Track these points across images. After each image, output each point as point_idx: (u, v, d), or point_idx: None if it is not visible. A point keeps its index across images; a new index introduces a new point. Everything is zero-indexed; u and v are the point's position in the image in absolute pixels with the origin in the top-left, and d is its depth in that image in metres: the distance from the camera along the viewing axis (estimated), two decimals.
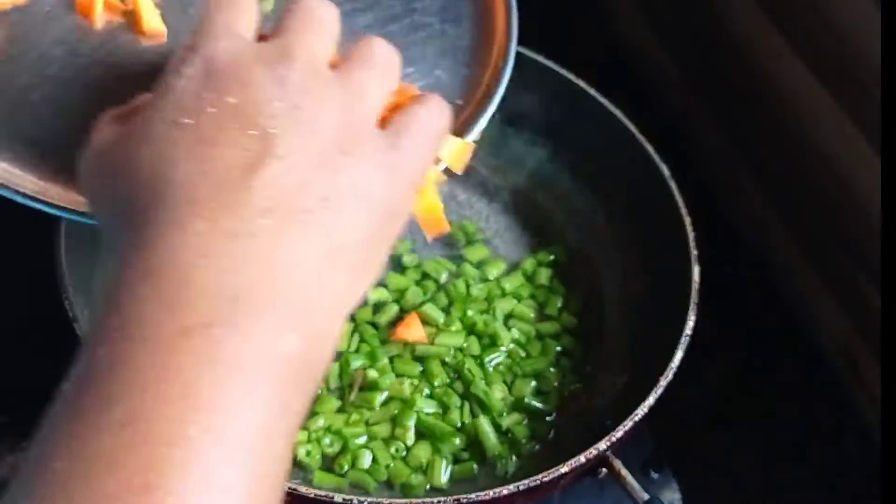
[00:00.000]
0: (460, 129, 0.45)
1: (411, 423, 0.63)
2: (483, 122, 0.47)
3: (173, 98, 0.36)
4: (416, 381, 0.64)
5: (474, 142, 0.45)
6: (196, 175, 0.34)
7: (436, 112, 0.39)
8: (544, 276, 0.70)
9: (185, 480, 0.30)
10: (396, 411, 0.63)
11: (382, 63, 0.39)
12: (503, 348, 0.66)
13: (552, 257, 0.71)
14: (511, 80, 0.52)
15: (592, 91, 0.69)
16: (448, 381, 0.65)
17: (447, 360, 0.65)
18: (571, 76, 0.70)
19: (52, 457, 0.31)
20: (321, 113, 0.36)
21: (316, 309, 0.34)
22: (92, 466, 0.30)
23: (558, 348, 0.68)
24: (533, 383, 0.66)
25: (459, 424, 0.63)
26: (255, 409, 0.32)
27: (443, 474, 0.62)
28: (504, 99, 0.50)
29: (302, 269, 0.34)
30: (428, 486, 0.62)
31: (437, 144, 0.40)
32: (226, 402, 0.31)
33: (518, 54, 0.68)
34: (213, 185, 0.34)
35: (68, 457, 0.30)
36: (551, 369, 0.67)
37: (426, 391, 0.64)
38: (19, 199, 0.43)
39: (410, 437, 0.63)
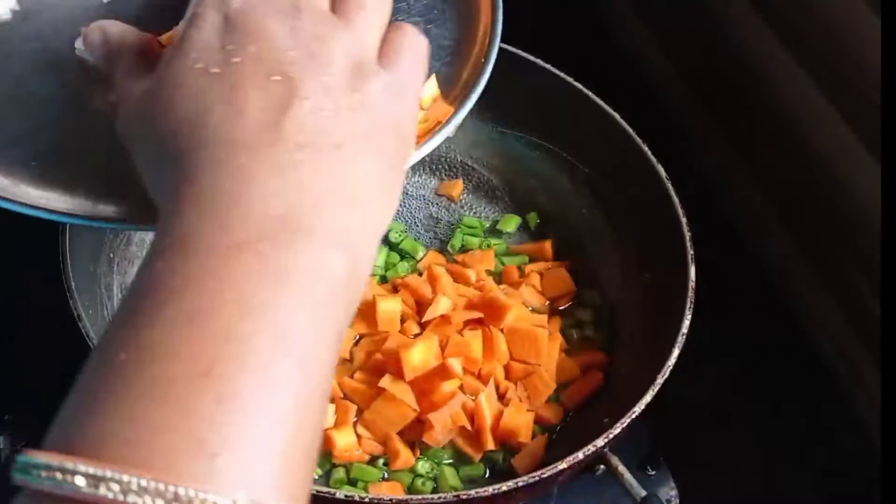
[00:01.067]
0: (436, 125, 0.46)
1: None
2: (460, 117, 0.48)
3: (197, 48, 0.38)
4: None
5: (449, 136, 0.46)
6: (232, 116, 0.36)
7: (416, 36, 0.42)
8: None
9: (241, 371, 0.31)
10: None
11: (376, 2, 0.41)
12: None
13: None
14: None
15: (591, 93, 0.69)
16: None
17: None
18: (570, 79, 0.70)
19: (111, 350, 0.32)
20: (333, 56, 0.38)
21: (355, 230, 0.36)
22: (153, 356, 0.31)
23: None
24: None
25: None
26: (304, 315, 0.34)
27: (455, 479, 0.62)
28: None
29: (339, 196, 0.36)
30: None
31: (426, 64, 0.43)
32: (276, 306, 0.33)
33: (517, 57, 0.68)
34: (249, 125, 0.36)
35: (128, 348, 0.32)
36: None
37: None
38: (19, 209, 0.42)
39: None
